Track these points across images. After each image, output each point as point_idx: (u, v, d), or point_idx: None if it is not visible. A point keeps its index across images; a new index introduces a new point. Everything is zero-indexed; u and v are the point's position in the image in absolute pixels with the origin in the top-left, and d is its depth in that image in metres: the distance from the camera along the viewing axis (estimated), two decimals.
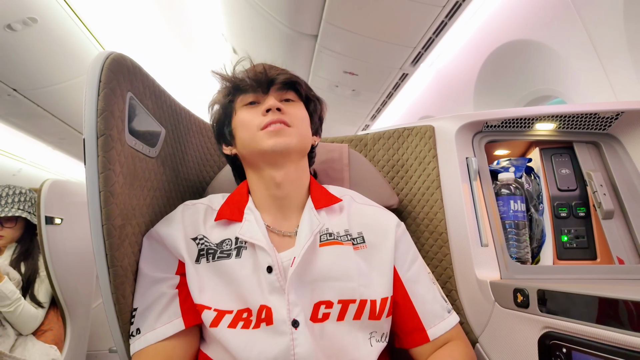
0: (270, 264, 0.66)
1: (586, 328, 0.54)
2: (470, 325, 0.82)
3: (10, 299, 1.44)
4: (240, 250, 0.69)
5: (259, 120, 0.72)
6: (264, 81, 0.75)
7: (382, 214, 0.80)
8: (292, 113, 0.74)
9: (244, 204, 0.75)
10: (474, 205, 0.86)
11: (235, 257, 0.68)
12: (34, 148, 3.96)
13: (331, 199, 0.78)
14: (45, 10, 2.00)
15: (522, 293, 0.67)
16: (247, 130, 0.73)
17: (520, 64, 1.85)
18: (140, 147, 0.70)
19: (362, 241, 0.74)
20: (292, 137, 0.72)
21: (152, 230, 0.72)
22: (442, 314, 0.73)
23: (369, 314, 0.67)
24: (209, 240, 0.71)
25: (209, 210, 0.76)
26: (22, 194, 1.67)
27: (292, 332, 0.62)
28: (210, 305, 0.65)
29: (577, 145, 0.96)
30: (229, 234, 0.71)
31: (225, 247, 0.70)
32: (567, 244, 0.90)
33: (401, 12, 1.88)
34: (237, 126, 0.76)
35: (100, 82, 0.60)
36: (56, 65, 2.44)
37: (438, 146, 0.96)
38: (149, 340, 0.63)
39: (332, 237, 0.72)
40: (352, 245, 0.72)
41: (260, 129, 0.71)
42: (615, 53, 1.30)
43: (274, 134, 0.70)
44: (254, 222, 0.71)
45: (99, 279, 0.61)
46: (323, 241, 0.71)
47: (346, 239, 0.73)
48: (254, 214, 0.73)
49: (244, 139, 0.74)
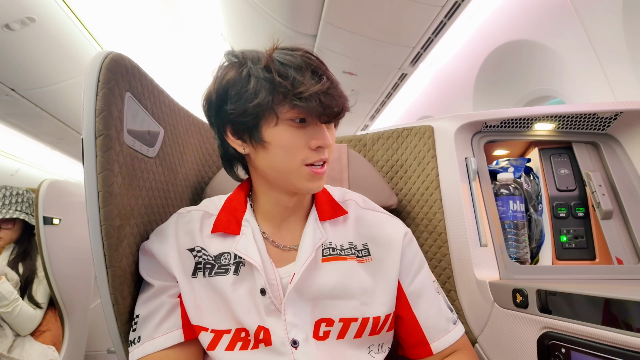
0: (264, 286, 0.63)
1: (585, 328, 0.54)
2: (469, 325, 0.82)
3: (8, 300, 1.43)
4: (238, 267, 0.66)
5: (305, 153, 0.62)
6: (332, 114, 0.61)
7: (388, 224, 0.75)
8: (331, 146, 0.66)
9: (241, 213, 0.71)
10: (473, 206, 0.86)
11: (232, 274, 0.65)
12: (32, 148, 3.95)
13: (336, 210, 0.73)
14: (44, 10, 1.99)
15: (521, 293, 0.67)
16: (288, 158, 0.62)
17: (519, 64, 1.85)
18: (138, 147, 0.70)
19: (367, 254, 0.71)
20: (325, 177, 0.67)
21: (145, 244, 0.68)
22: (447, 326, 0.70)
23: (369, 331, 0.67)
24: (207, 253, 0.67)
25: (206, 216, 0.71)
26: (19, 195, 1.67)
27: (292, 352, 0.61)
28: (207, 325, 0.63)
29: (576, 145, 0.97)
30: (228, 246, 0.68)
31: (224, 262, 0.66)
32: (566, 244, 0.90)
33: (400, 12, 1.89)
34: (275, 143, 0.61)
35: (99, 82, 0.60)
36: (54, 65, 2.43)
37: (437, 146, 0.96)
38: (147, 350, 0.62)
39: (334, 252, 0.69)
40: (356, 258, 0.70)
41: (305, 164, 0.62)
42: (614, 53, 1.30)
43: (317, 178, 0.64)
44: (250, 237, 0.67)
45: (97, 280, 0.61)
46: (326, 256, 0.68)
47: (350, 252, 0.70)
48: (252, 226, 0.69)
49: (279, 163, 0.62)
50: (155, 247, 0.67)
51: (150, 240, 0.68)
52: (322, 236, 0.69)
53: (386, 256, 0.71)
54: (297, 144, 0.61)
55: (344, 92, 0.64)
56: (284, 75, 0.58)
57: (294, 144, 0.61)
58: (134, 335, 0.64)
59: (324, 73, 0.61)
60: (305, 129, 0.62)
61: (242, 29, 2.62)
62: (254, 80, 0.60)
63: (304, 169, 0.62)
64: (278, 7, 2.12)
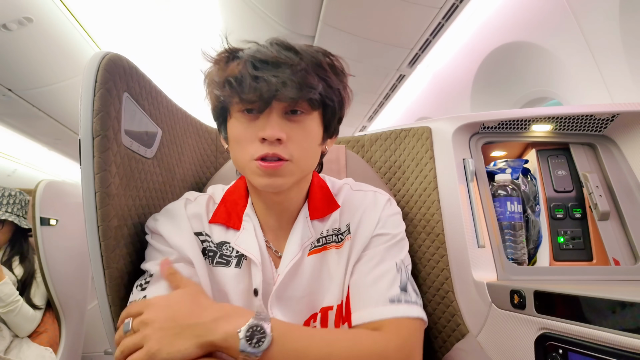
0: (257, 287, 0.63)
1: (583, 329, 0.54)
2: (467, 326, 0.83)
3: (5, 301, 1.43)
4: (241, 260, 0.65)
5: (255, 147, 0.58)
6: (264, 99, 0.55)
7: (370, 197, 0.72)
8: (297, 140, 0.58)
9: (242, 207, 0.69)
10: (470, 207, 0.86)
11: (235, 267, 0.65)
12: (29, 148, 3.94)
13: (330, 205, 0.70)
14: (41, 10, 1.99)
15: (519, 294, 0.67)
16: (240, 152, 0.60)
17: (517, 65, 1.86)
18: (136, 148, 0.69)
19: (347, 232, 0.69)
20: (288, 177, 0.59)
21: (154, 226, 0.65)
22: (379, 300, 0.60)
23: (344, 318, 0.66)
24: (211, 239, 0.67)
25: (211, 203, 0.70)
26: (11, 196, 1.64)
27: None
28: None
29: (573, 146, 0.97)
30: (230, 237, 0.67)
31: (225, 252, 0.66)
32: (564, 245, 0.91)
33: (398, 13, 1.89)
34: (231, 136, 0.62)
35: (96, 82, 0.59)
36: (52, 66, 2.43)
37: (435, 147, 0.96)
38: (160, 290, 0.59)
39: (319, 243, 0.68)
40: (335, 245, 0.68)
41: (254, 159, 0.58)
42: (611, 55, 1.31)
43: (267, 173, 0.58)
44: (252, 233, 0.66)
45: (95, 281, 0.61)
46: (311, 249, 0.68)
47: (332, 239, 0.69)
48: (253, 221, 0.67)
49: (236, 158, 0.62)
50: (166, 230, 0.64)
51: (159, 222, 0.65)
52: (311, 235, 0.67)
53: (361, 231, 0.68)
54: (247, 136, 0.58)
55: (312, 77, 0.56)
56: (226, 75, 0.58)
57: (244, 137, 0.58)
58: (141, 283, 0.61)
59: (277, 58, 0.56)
60: (256, 120, 0.58)
61: (241, 29, 2.62)
62: (213, 80, 0.61)
63: (253, 163, 0.58)
64: (276, 8, 2.13)
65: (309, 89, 0.56)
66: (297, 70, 0.55)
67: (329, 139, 0.67)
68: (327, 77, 0.59)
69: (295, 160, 0.59)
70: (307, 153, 0.61)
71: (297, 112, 0.59)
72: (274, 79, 0.54)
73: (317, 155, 0.65)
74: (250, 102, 0.56)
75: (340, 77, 0.62)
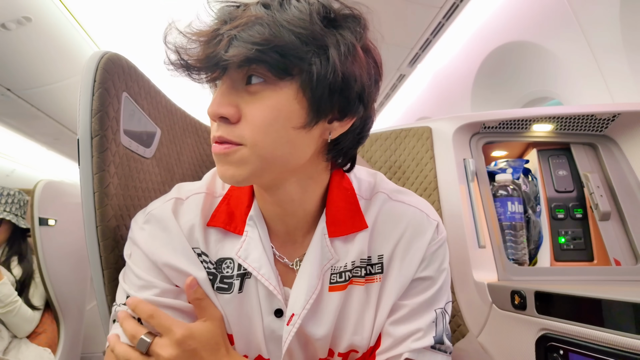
0: (281, 307, 0.53)
1: (583, 330, 0.54)
2: (467, 327, 0.82)
3: (3, 302, 1.42)
4: (243, 281, 0.54)
5: (213, 129, 0.47)
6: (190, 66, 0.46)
7: (413, 217, 0.56)
8: (251, 118, 0.44)
9: (247, 207, 0.55)
10: (471, 207, 0.86)
11: (237, 292, 0.53)
12: (27, 148, 3.93)
13: (355, 222, 0.54)
14: (40, 10, 1.98)
15: (520, 295, 0.67)
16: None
17: (518, 65, 1.86)
18: (135, 148, 0.69)
19: (379, 270, 0.55)
20: (241, 166, 0.45)
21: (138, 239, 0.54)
22: (409, 341, 0.52)
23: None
24: (208, 256, 0.54)
25: (208, 200, 0.56)
26: (9, 196, 1.64)
27: None
28: None
29: (574, 146, 0.97)
30: (229, 250, 0.54)
31: (226, 272, 0.54)
32: (564, 245, 0.90)
33: (399, 13, 1.89)
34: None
35: (95, 82, 0.59)
36: (50, 65, 2.42)
37: (435, 147, 0.95)
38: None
39: (342, 278, 0.54)
40: (364, 281, 0.55)
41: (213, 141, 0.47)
42: (612, 55, 1.31)
43: (218, 160, 0.46)
44: (258, 243, 0.53)
45: (93, 281, 0.61)
46: (333, 283, 0.54)
47: (358, 272, 0.55)
48: (259, 228, 0.54)
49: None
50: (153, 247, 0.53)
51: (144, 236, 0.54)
52: (332, 257, 0.54)
53: (399, 269, 0.55)
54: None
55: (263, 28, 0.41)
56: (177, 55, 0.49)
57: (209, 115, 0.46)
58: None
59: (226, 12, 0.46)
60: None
61: None
62: None
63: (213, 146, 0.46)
64: None
65: (252, 44, 0.40)
66: (244, 22, 0.41)
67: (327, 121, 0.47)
68: (302, 28, 0.41)
69: (250, 145, 0.44)
70: (269, 136, 0.44)
71: (252, 81, 0.44)
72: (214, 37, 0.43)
73: (293, 141, 0.45)
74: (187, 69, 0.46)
75: (341, 30, 0.46)
